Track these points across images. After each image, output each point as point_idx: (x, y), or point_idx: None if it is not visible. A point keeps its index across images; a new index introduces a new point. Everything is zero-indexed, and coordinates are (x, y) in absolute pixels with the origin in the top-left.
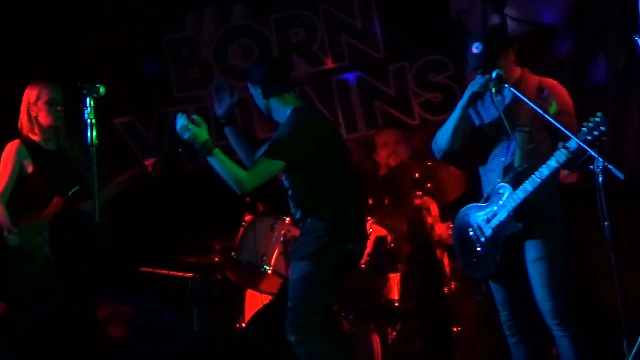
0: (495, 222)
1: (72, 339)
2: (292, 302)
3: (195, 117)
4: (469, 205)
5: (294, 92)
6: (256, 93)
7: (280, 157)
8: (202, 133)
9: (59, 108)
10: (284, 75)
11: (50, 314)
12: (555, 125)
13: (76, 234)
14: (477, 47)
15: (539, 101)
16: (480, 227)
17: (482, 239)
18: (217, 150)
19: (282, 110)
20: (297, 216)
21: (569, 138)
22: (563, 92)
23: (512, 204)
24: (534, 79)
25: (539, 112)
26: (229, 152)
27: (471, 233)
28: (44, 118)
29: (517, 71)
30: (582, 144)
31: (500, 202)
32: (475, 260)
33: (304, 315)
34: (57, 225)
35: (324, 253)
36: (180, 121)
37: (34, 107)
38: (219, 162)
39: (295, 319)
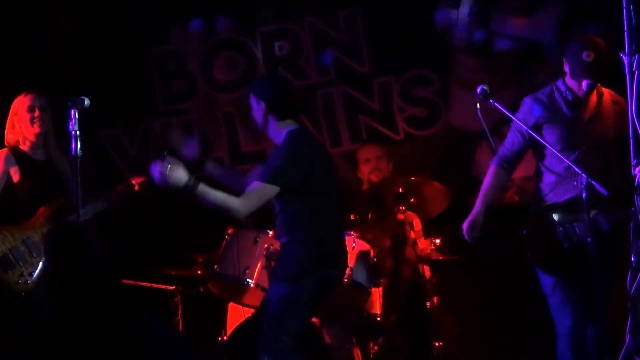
0: None
1: (69, 349)
2: (267, 323)
3: (168, 159)
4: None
5: (295, 118)
6: (258, 107)
7: (276, 182)
8: (180, 174)
9: (37, 113)
10: (292, 102)
11: (47, 324)
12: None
13: (73, 245)
14: (588, 55)
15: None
16: None
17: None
18: (201, 186)
19: (278, 131)
20: (282, 240)
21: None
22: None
23: None
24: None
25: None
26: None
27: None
28: (25, 126)
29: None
30: (564, 159)
31: None
32: None
33: (278, 337)
34: (54, 236)
35: (305, 278)
36: (157, 170)
37: (16, 117)
38: (207, 196)
39: (268, 340)
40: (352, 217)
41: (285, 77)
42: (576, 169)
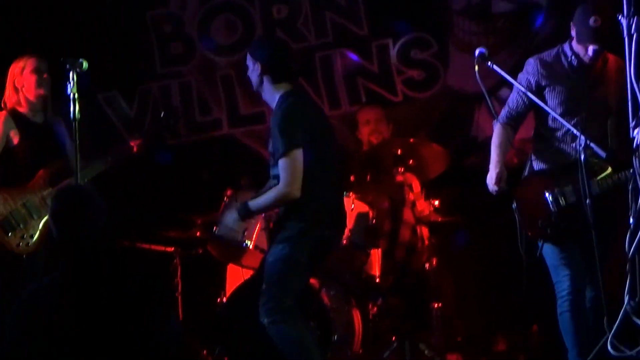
0: None
1: (71, 314)
2: (266, 284)
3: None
4: None
5: (291, 81)
6: (253, 67)
7: (293, 146)
8: (234, 219)
9: (45, 76)
10: (288, 65)
11: (50, 289)
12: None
13: (79, 209)
14: (595, 21)
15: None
16: None
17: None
18: (252, 206)
19: (272, 93)
20: None
21: None
22: None
23: None
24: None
25: (522, 89)
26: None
27: None
28: (30, 87)
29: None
30: (563, 122)
31: None
32: None
33: (278, 297)
34: (60, 199)
35: (302, 237)
36: (220, 231)
37: (20, 78)
38: (261, 208)
39: (268, 300)
40: (351, 178)
41: (282, 40)
42: (574, 131)
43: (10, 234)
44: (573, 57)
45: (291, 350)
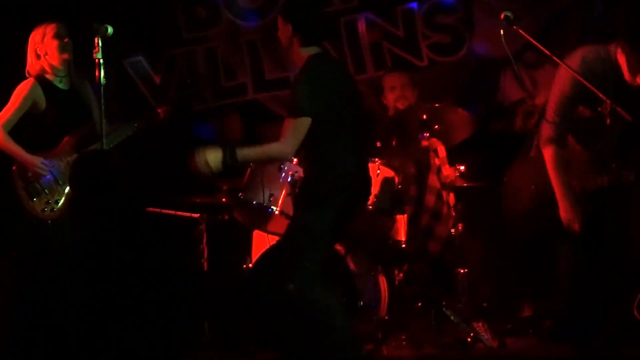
0: None
1: (93, 279)
2: (291, 250)
3: (196, 151)
4: None
5: (319, 45)
6: (285, 27)
7: (305, 113)
8: (214, 156)
9: (66, 40)
10: (318, 28)
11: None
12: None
13: (95, 174)
14: None
15: None
16: None
17: None
18: (239, 153)
19: (300, 55)
20: (304, 167)
21: None
22: None
23: None
24: None
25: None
26: None
27: None
28: (53, 53)
29: None
30: (589, 85)
31: None
32: None
33: (302, 263)
34: (77, 165)
35: (324, 204)
36: (192, 165)
37: (41, 45)
38: (249, 158)
39: (292, 267)
40: (377, 144)
41: (315, 1)
42: (601, 96)
43: (35, 199)
44: (620, 76)
45: (317, 316)
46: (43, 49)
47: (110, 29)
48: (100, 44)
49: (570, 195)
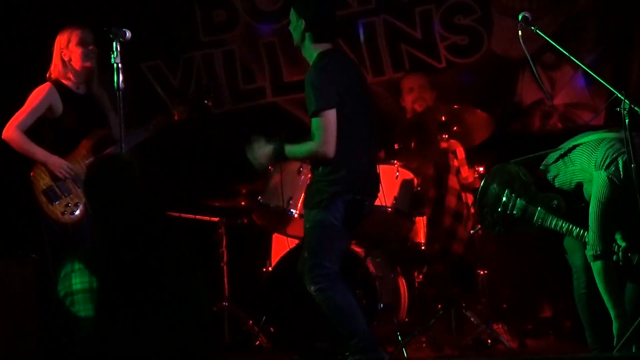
0: None
1: (110, 282)
2: (308, 251)
3: (253, 140)
4: None
5: (331, 42)
6: (297, 24)
7: (325, 105)
8: (266, 149)
9: (90, 48)
10: (332, 25)
11: (89, 257)
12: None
13: (112, 180)
14: None
15: None
16: None
17: None
18: (287, 149)
19: (312, 50)
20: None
21: None
22: None
23: None
24: None
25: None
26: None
27: None
28: (77, 60)
29: None
30: (608, 85)
31: None
32: None
33: (321, 263)
34: (91, 169)
35: (335, 201)
36: (251, 156)
37: (66, 50)
38: (294, 156)
39: (312, 268)
40: (396, 146)
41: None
42: (617, 93)
43: (55, 203)
44: None
45: (339, 316)
46: (67, 55)
47: (128, 33)
48: (118, 48)
49: (622, 309)
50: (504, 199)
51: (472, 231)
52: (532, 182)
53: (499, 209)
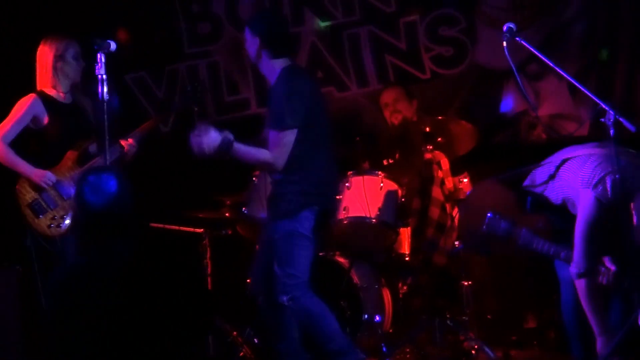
0: None
1: (98, 294)
2: (278, 262)
3: (200, 125)
4: None
5: (288, 56)
6: (252, 41)
7: (291, 125)
8: (213, 136)
9: (83, 63)
10: (286, 40)
11: (78, 270)
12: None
13: (103, 191)
14: None
15: None
16: None
17: None
18: (236, 146)
19: (271, 67)
20: (276, 177)
21: None
22: None
23: None
24: None
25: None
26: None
27: None
28: (70, 71)
29: None
30: (592, 96)
31: None
32: None
33: (292, 274)
34: (83, 181)
35: (303, 211)
36: (191, 139)
37: (61, 60)
38: (242, 153)
39: (283, 278)
40: (384, 162)
41: (282, 14)
42: (603, 105)
43: (41, 216)
44: None
45: (315, 322)
46: (62, 64)
47: (113, 45)
48: (103, 60)
49: (605, 325)
50: (487, 220)
51: (456, 242)
52: (516, 202)
53: (483, 228)
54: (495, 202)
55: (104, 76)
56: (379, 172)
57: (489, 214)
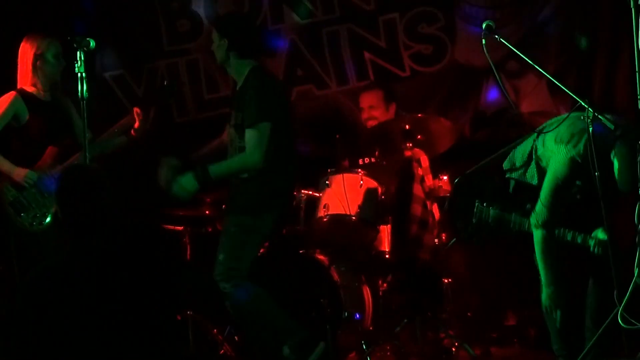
0: None
1: (77, 294)
2: (227, 253)
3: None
4: None
5: (255, 58)
6: (220, 43)
7: (265, 119)
8: (189, 180)
9: (63, 63)
10: (254, 41)
11: (57, 269)
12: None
13: (82, 188)
14: None
15: None
16: None
17: None
18: (211, 170)
19: (239, 68)
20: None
21: None
22: None
23: None
24: None
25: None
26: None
27: None
28: (50, 70)
29: None
30: (571, 94)
31: None
32: None
33: (237, 266)
34: (63, 179)
35: (267, 211)
36: (173, 189)
37: (41, 58)
38: (222, 174)
39: (229, 269)
40: (360, 162)
41: (249, 16)
42: (581, 102)
43: (23, 214)
44: None
45: (260, 310)
46: (42, 62)
47: (92, 43)
48: (82, 58)
49: (559, 279)
50: (475, 210)
51: (436, 240)
52: (500, 188)
53: (473, 220)
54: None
55: (83, 74)
56: (359, 170)
57: (476, 203)
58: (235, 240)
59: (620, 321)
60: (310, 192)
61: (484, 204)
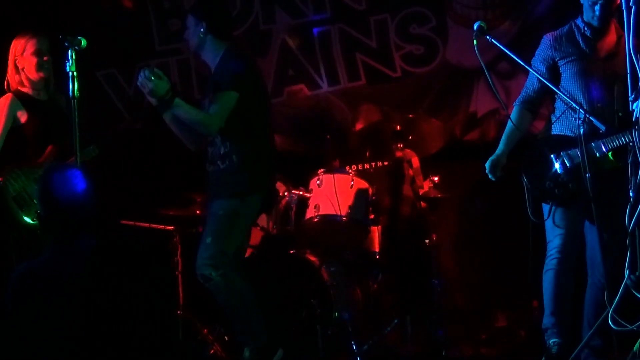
0: None
1: (61, 292)
2: (214, 238)
3: (156, 70)
4: None
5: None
6: (196, 28)
7: (236, 88)
8: (163, 85)
9: (45, 58)
10: (230, 22)
11: (40, 268)
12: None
13: (64, 189)
14: None
15: None
16: None
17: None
18: (177, 100)
19: (216, 50)
20: (222, 151)
21: None
22: None
23: None
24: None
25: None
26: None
27: None
28: (31, 69)
29: None
30: (563, 95)
31: None
32: None
33: (226, 251)
34: (45, 179)
35: (253, 195)
36: (142, 75)
37: (21, 58)
38: (182, 110)
39: (215, 255)
40: (353, 167)
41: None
42: (574, 105)
43: (24, 209)
44: (585, 28)
45: (238, 302)
46: (22, 63)
47: (84, 42)
48: (73, 57)
49: (504, 156)
50: (558, 163)
51: (427, 241)
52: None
53: (568, 166)
54: None
55: (74, 73)
56: (350, 170)
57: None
58: (222, 224)
59: (610, 323)
60: (301, 193)
61: (562, 154)
